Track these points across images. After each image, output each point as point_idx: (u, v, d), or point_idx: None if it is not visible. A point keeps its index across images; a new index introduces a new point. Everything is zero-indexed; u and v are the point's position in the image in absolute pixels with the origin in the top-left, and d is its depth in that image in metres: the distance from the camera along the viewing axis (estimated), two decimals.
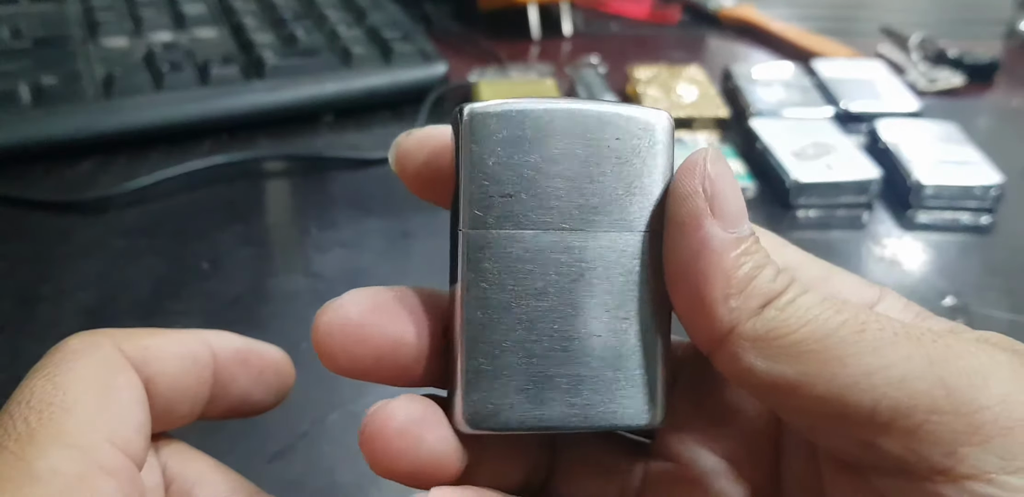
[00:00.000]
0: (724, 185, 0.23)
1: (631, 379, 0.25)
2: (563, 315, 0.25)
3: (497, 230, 0.25)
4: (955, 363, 0.21)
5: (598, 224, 0.25)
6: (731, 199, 0.23)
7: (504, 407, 0.25)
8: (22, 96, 0.62)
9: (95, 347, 0.25)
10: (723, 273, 0.22)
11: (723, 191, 0.23)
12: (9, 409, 0.23)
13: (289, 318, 0.50)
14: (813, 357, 0.21)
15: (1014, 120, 0.75)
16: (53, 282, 0.51)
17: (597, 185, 0.25)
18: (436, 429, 0.24)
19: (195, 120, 0.65)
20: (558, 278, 0.25)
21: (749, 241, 0.23)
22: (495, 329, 0.25)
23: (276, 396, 0.29)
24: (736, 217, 0.23)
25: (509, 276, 0.25)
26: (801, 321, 0.22)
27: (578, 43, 0.83)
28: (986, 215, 0.60)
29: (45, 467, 0.21)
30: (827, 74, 0.73)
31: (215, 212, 0.58)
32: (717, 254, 0.23)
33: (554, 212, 0.25)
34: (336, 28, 0.72)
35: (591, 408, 0.25)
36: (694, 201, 0.23)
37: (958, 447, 0.20)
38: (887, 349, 0.21)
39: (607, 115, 0.24)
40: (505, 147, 0.24)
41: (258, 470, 0.30)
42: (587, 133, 0.24)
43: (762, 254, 0.23)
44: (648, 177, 0.25)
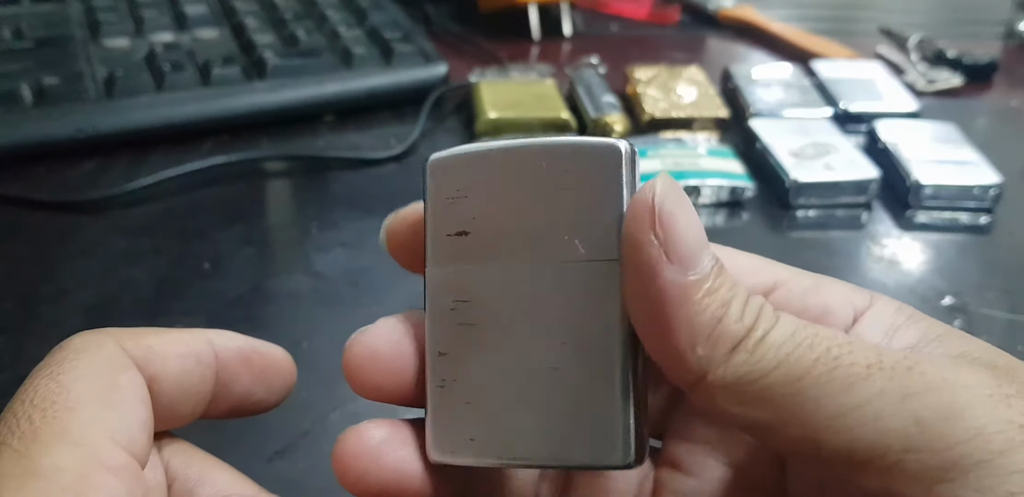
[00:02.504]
0: (677, 223, 0.22)
1: (596, 416, 0.24)
2: (524, 349, 0.24)
3: (455, 266, 0.25)
4: (929, 396, 0.21)
5: (555, 256, 0.24)
6: (687, 236, 0.22)
7: (467, 442, 0.25)
8: (24, 96, 0.62)
9: (98, 346, 0.25)
10: (686, 322, 0.22)
11: (676, 231, 0.22)
12: (13, 407, 0.23)
13: (290, 318, 0.50)
14: (787, 400, 0.21)
15: (1013, 120, 0.75)
16: (55, 282, 0.52)
17: (552, 217, 0.24)
18: (397, 451, 0.26)
19: (196, 120, 0.65)
20: (518, 311, 0.25)
21: (711, 277, 0.22)
22: (460, 363, 0.25)
23: (278, 395, 0.29)
24: (694, 254, 0.22)
25: (470, 311, 0.25)
26: (772, 363, 0.21)
27: (578, 43, 0.83)
28: (985, 215, 0.60)
29: (49, 465, 0.21)
30: (826, 74, 0.74)
31: (216, 212, 0.58)
32: (677, 303, 0.22)
33: (510, 247, 0.24)
34: (337, 29, 0.72)
35: (558, 445, 0.24)
36: (647, 251, 0.22)
37: (934, 484, 0.20)
38: (859, 386, 0.21)
39: (558, 148, 0.24)
40: (461, 189, 0.25)
41: (259, 469, 0.30)
42: (540, 168, 0.24)
43: (726, 288, 0.22)
44: (604, 206, 0.24)
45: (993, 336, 0.50)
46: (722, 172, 0.60)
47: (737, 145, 0.65)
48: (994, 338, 0.50)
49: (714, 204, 0.60)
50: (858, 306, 0.26)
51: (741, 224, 0.59)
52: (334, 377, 0.46)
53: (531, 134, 0.65)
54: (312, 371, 0.46)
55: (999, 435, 0.20)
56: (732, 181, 0.60)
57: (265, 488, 0.29)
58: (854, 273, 0.55)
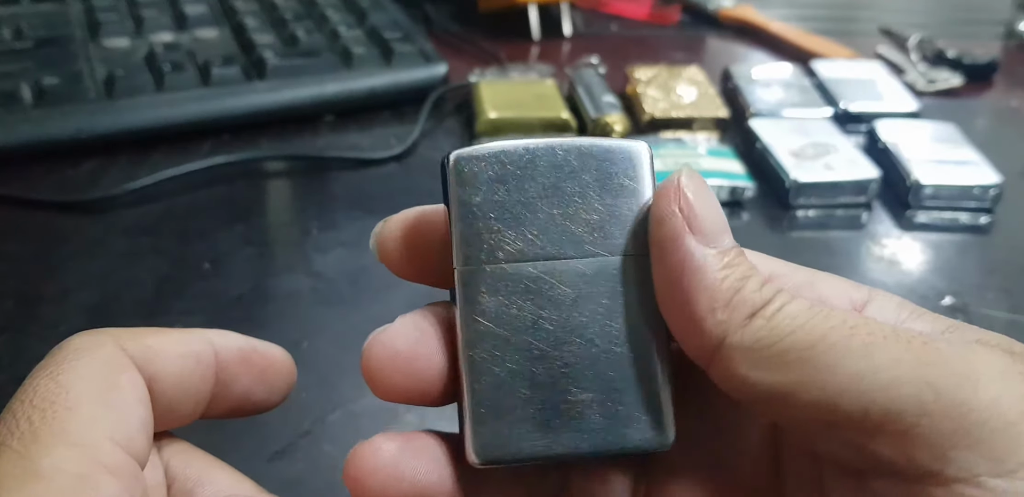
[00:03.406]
0: (700, 203, 0.24)
1: (635, 403, 0.25)
2: (561, 343, 0.25)
3: (488, 265, 0.25)
4: (945, 366, 0.21)
5: (586, 252, 0.25)
6: (709, 216, 0.24)
7: (512, 439, 0.25)
8: (24, 96, 0.62)
9: (98, 346, 0.25)
10: (707, 287, 0.23)
11: (699, 209, 0.23)
12: (12, 408, 0.23)
13: (290, 318, 0.50)
14: (803, 365, 0.22)
15: (1013, 120, 0.75)
16: (55, 282, 0.52)
17: (582, 215, 0.25)
18: (413, 463, 0.26)
19: (196, 120, 0.65)
20: (552, 307, 0.25)
21: (731, 254, 0.23)
22: (496, 362, 0.25)
23: (278, 395, 0.29)
24: (716, 233, 0.23)
25: (504, 309, 0.25)
26: (789, 329, 0.22)
27: (578, 43, 0.83)
28: (985, 215, 0.60)
29: (48, 465, 0.21)
30: (826, 74, 0.74)
31: (216, 212, 0.58)
32: (700, 270, 0.23)
33: (541, 244, 0.25)
34: (337, 29, 0.72)
35: (598, 434, 0.25)
36: (672, 222, 0.23)
37: (947, 450, 0.21)
38: (876, 353, 0.21)
39: (587, 148, 0.25)
40: (489, 187, 0.25)
41: (259, 469, 0.30)
42: (568, 166, 0.25)
43: (746, 266, 0.23)
44: (630, 203, 0.25)
45: None
46: (722, 172, 0.60)
47: (737, 145, 0.65)
48: None
49: None
50: (856, 301, 0.26)
51: (741, 224, 0.59)
52: (334, 377, 0.46)
53: (531, 134, 0.65)
54: (312, 371, 0.46)
55: (1013, 407, 0.21)
56: (732, 181, 0.60)
57: (265, 488, 0.29)
58: (854, 273, 0.55)
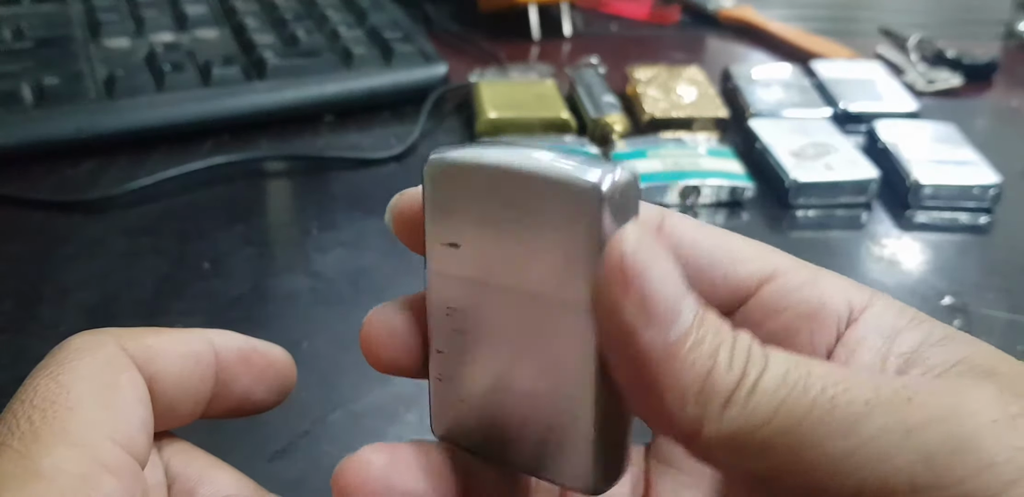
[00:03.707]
0: (650, 281, 0.21)
1: (570, 443, 0.24)
2: (507, 366, 0.25)
3: (448, 273, 0.25)
4: (933, 429, 0.20)
5: (533, 286, 0.23)
6: (661, 293, 0.21)
7: (467, 432, 0.26)
8: (24, 96, 0.62)
9: (98, 346, 0.25)
10: (673, 381, 0.21)
11: (650, 289, 0.21)
12: (13, 408, 0.23)
13: (290, 318, 0.50)
14: (787, 449, 0.20)
15: (1012, 120, 0.75)
16: (55, 282, 0.52)
17: (534, 247, 0.23)
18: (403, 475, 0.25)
19: (196, 120, 0.65)
20: (501, 329, 0.24)
21: (695, 330, 0.21)
22: (453, 363, 0.25)
23: (278, 395, 0.29)
24: (672, 311, 0.21)
25: (461, 318, 0.25)
26: (768, 413, 0.20)
27: (578, 43, 0.83)
28: (984, 215, 0.60)
29: (49, 465, 0.21)
30: (826, 75, 0.74)
31: (216, 212, 0.58)
32: (661, 363, 0.21)
33: (495, 266, 0.24)
34: (337, 29, 0.72)
35: (539, 459, 0.25)
36: (622, 316, 0.21)
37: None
38: (861, 426, 0.20)
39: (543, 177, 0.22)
40: (454, 200, 0.24)
41: (259, 469, 0.30)
42: (526, 194, 0.23)
43: (711, 337, 0.21)
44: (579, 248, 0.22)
45: (993, 336, 0.50)
46: (722, 172, 0.60)
47: (737, 145, 0.65)
48: (994, 338, 0.50)
49: (714, 204, 0.60)
50: (856, 304, 0.25)
51: (741, 224, 0.59)
52: (334, 377, 0.46)
53: (532, 135, 0.65)
54: (312, 371, 0.46)
55: (1009, 465, 0.19)
56: (732, 181, 0.60)
57: (265, 488, 0.29)
58: (854, 273, 0.55)
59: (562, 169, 0.22)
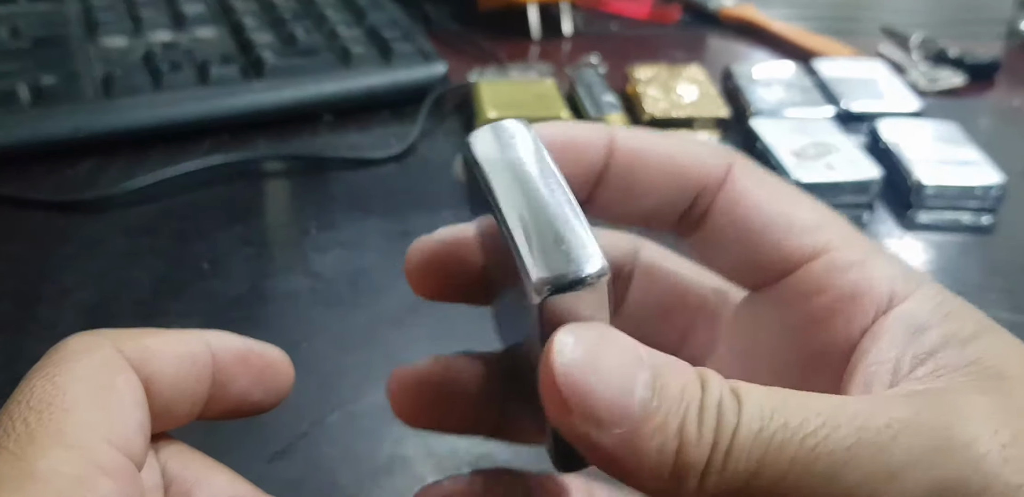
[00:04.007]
0: (590, 390, 0.20)
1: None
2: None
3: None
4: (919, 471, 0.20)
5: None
6: (605, 397, 0.20)
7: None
8: (21, 96, 0.62)
9: (95, 347, 0.25)
10: (644, 469, 0.20)
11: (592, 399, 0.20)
12: (8, 409, 0.23)
13: (289, 318, 0.50)
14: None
15: (1015, 120, 0.74)
16: (52, 282, 0.51)
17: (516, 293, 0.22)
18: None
19: (194, 120, 0.64)
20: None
21: (653, 414, 0.20)
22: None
23: (276, 396, 0.29)
24: (622, 407, 0.20)
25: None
26: (748, 473, 0.20)
27: (578, 43, 0.83)
28: (987, 215, 0.60)
29: (45, 467, 0.21)
30: (828, 74, 0.73)
31: (215, 212, 0.58)
32: (626, 456, 0.20)
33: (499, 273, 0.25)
34: (336, 28, 0.72)
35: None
36: (571, 429, 0.21)
37: None
38: (846, 473, 0.20)
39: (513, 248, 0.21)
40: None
41: (258, 470, 0.29)
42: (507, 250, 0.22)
43: (673, 413, 0.20)
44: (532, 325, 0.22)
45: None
46: None
47: (738, 145, 0.65)
48: None
49: None
50: (898, 292, 0.25)
51: None
52: (333, 378, 0.46)
53: None
54: (310, 372, 0.45)
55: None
56: None
57: (263, 490, 0.28)
58: None
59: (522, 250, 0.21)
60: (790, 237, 0.25)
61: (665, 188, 0.27)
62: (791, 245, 0.25)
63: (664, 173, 0.26)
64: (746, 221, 0.26)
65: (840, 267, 0.25)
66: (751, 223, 0.26)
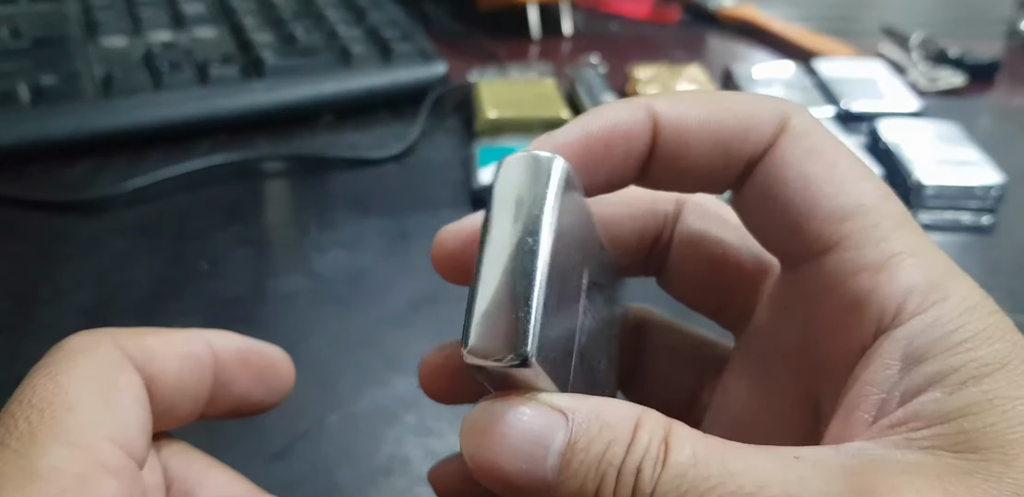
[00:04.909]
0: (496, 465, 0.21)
1: None
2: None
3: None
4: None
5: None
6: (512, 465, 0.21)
7: None
8: (21, 96, 0.62)
9: (96, 346, 0.25)
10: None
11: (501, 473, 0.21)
12: (11, 408, 0.23)
13: (288, 318, 0.50)
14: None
15: (1015, 120, 0.74)
16: (52, 282, 0.51)
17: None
18: None
19: (194, 120, 0.64)
20: None
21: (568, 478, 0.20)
22: None
23: (276, 396, 0.29)
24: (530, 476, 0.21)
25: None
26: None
27: (578, 43, 0.83)
28: (987, 215, 0.60)
29: (47, 466, 0.21)
30: (828, 74, 0.73)
31: (214, 212, 0.58)
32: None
33: None
34: (335, 28, 0.72)
35: None
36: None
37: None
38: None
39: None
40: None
41: (258, 470, 0.29)
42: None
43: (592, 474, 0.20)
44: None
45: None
46: None
47: None
48: None
49: None
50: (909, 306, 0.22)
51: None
52: (333, 378, 0.46)
53: (533, 135, 0.65)
54: (310, 372, 0.45)
55: None
56: None
57: (264, 489, 0.29)
58: None
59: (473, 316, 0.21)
60: (811, 224, 0.23)
61: (711, 162, 0.25)
62: (809, 233, 0.23)
63: (709, 147, 0.25)
64: (775, 198, 0.24)
65: (851, 270, 0.23)
66: (778, 201, 0.24)
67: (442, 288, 0.27)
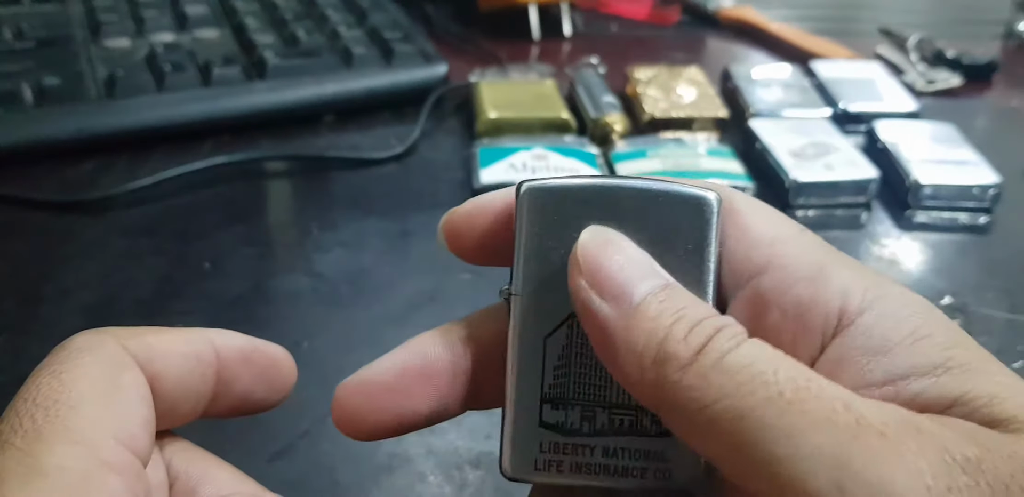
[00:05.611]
0: (600, 266, 0.23)
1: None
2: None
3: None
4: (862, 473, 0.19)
5: None
6: (612, 276, 0.23)
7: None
8: (25, 96, 0.62)
9: (100, 345, 0.25)
10: (630, 351, 0.22)
11: (601, 273, 0.23)
12: (15, 406, 0.23)
13: (290, 317, 0.50)
14: (731, 436, 0.20)
15: (1012, 120, 0.75)
16: (55, 282, 0.52)
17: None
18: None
19: (197, 120, 0.65)
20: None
21: (650, 305, 0.22)
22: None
23: (278, 394, 0.29)
24: (624, 289, 0.23)
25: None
26: (718, 393, 0.20)
27: (578, 44, 0.83)
28: (984, 215, 0.60)
29: (52, 464, 0.21)
30: (826, 75, 0.74)
31: (216, 212, 0.58)
32: (617, 333, 0.22)
33: None
34: (337, 29, 0.72)
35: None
36: (579, 295, 0.23)
37: None
38: (800, 438, 0.20)
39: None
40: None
41: (260, 469, 0.30)
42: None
43: (669, 313, 0.22)
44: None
45: (992, 336, 0.50)
46: (722, 172, 0.60)
47: (737, 145, 0.65)
48: (994, 338, 0.50)
49: None
50: (852, 306, 0.24)
51: None
52: (334, 377, 0.46)
53: (532, 134, 0.65)
54: (312, 371, 0.46)
55: None
56: (732, 181, 0.60)
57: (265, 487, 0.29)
58: None
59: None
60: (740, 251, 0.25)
61: None
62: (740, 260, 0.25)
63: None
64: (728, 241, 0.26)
65: (788, 283, 0.24)
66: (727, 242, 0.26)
67: (443, 287, 0.28)
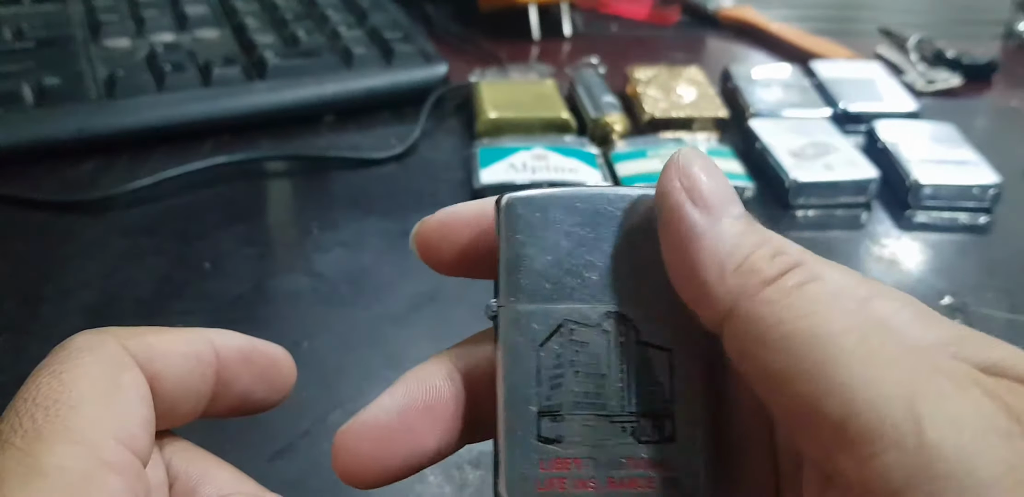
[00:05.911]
0: (700, 175, 0.23)
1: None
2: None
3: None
4: (938, 405, 0.19)
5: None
6: (711, 187, 0.23)
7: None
8: (25, 96, 0.62)
9: (100, 345, 0.25)
10: (715, 253, 0.22)
11: (700, 182, 0.23)
12: (15, 406, 0.23)
13: (290, 317, 0.50)
14: (804, 355, 0.20)
15: (1012, 120, 0.75)
16: (55, 282, 0.52)
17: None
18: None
19: (197, 120, 0.65)
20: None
21: (741, 223, 0.23)
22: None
23: (278, 394, 0.29)
24: (720, 202, 0.23)
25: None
26: (802, 312, 0.21)
27: (578, 44, 0.83)
28: (984, 215, 0.60)
29: (52, 463, 0.21)
30: (826, 75, 0.74)
31: (217, 212, 0.58)
32: (705, 236, 0.22)
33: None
34: (337, 29, 0.73)
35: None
36: (672, 195, 0.23)
37: (901, 491, 0.19)
38: (876, 367, 0.20)
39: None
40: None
41: (260, 468, 0.30)
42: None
43: (758, 235, 0.23)
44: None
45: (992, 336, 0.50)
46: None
47: (737, 145, 0.65)
48: None
49: None
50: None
51: None
52: (334, 377, 0.47)
53: (532, 135, 0.65)
54: (312, 371, 0.46)
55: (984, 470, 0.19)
56: (732, 181, 0.59)
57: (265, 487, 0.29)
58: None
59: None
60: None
61: None
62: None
63: None
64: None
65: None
66: None
67: (443, 287, 0.28)
